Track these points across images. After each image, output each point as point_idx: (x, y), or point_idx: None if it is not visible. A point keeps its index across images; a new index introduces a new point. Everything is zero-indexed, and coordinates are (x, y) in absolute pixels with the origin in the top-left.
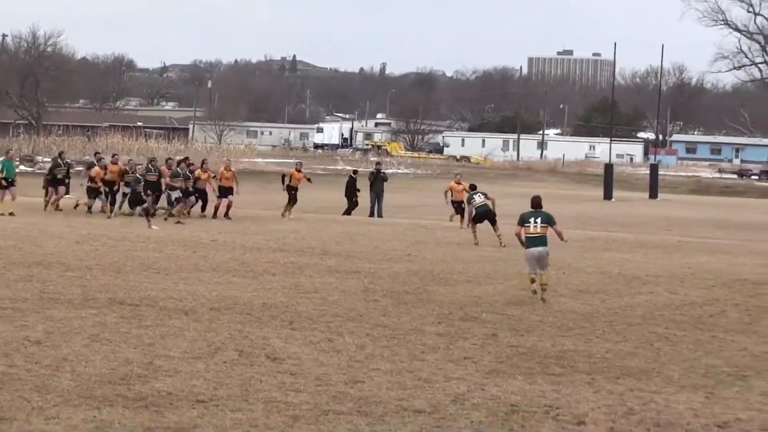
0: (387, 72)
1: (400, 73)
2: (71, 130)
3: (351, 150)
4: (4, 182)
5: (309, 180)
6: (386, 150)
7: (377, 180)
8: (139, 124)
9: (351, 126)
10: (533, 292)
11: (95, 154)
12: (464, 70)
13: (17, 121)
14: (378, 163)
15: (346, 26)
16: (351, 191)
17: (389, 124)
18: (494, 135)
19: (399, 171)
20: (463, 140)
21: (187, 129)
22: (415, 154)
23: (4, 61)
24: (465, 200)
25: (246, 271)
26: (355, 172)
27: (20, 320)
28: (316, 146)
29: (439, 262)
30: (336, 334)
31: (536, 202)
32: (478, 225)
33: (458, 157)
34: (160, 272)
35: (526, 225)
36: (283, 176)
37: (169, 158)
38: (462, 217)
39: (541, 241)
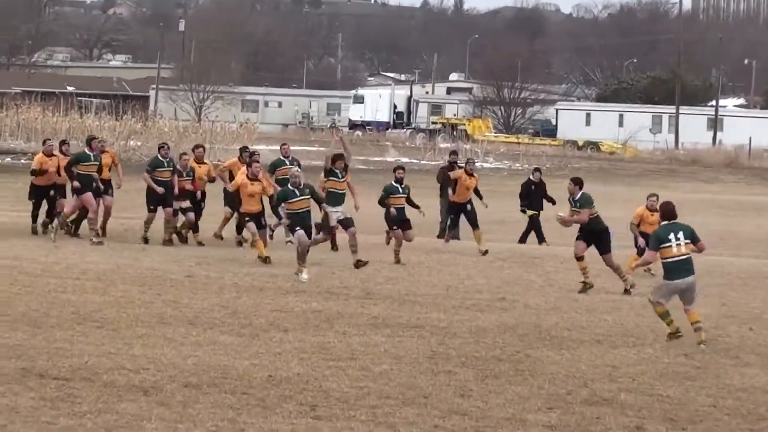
0: (466, 6)
1: (487, 8)
2: None
3: (408, 131)
4: None
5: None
6: (465, 131)
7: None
8: (70, 89)
9: (409, 93)
10: (674, 335)
11: (44, 142)
12: (590, 4)
13: None
14: (453, 153)
15: None
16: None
17: (470, 89)
18: (638, 107)
19: (486, 165)
20: (587, 115)
21: (147, 97)
22: (512, 138)
23: None
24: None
25: (241, 324)
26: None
27: None
28: (353, 125)
29: (551, 312)
30: (386, 426)
31: (671, 211)
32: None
33: (581, 144)
34: (103, 326)
35: (665, 246)
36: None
37: (184, 153)
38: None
39: (688, 266)
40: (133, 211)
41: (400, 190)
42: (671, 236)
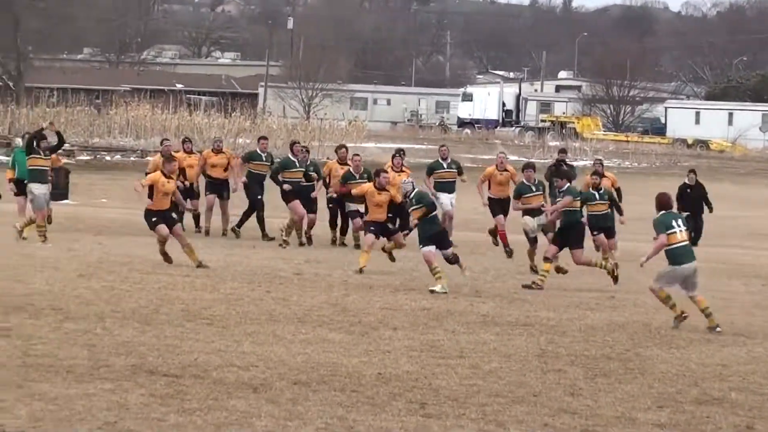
0: (574, 5)
1: (596, 6)
2: (71, 97)
3: (517, 129)
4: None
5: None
6: (574, 129)
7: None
8: (179, 86)
9: (517, 91)
10: (679, 318)
11: (162, 141)
12: (699, 2)
13: None
14: (562, 151)
15: None
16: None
17: (578, 87)
18: (748, 106)
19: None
20: (697, 114)
21: (255, 95)
22: (621, 136)
23: None
24: None
25: (350, 322)
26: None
27: None
28: (462, 123)
29: (660, 311)
30: (496, 424)
31: (667, 201)
32: None
33: (690, 142)
34: (213, 323)
35: (671, 232)
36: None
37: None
38: None
39: (691, 251)
40: (241, 209)
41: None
42: (673, 222)
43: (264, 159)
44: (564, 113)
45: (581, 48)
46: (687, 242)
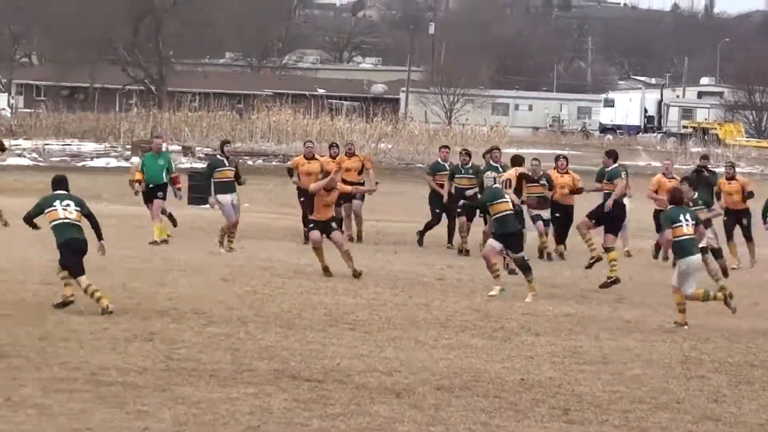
0: (716, 10)
1: (738, 12)
2: (213, 101)
3: (659, 135)
4: (138, 188)
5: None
6: (716, 135)
7: (702, 184)
8: (321, 91)
9: (659, 96)
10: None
11: (305, 143)
12: None
13: (127, 87)
14: (704, 157)
15: None
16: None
17: (720, 94)
18: None
19: (737, 169)
20: None
21: (396, 100)
22: (764, 142)
23: None
24: None
25: (493, 328)
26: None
27: (135, 403)
28: (604, 128)
29: None
30: (639, 431)
31: (679, 197)
32: None
33: None
34: (356, 328)
35: (677, 225)
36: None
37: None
38: None
39: (696, 245)
40: (382, 214)
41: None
42: (681, 217)
43: (448, 168)
44: (706, 119)
45: (723, 54)
46: (691, 236)
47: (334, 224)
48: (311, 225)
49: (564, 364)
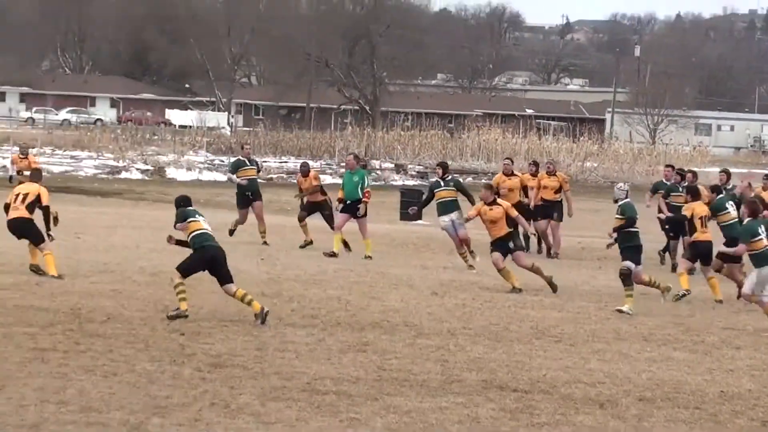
0: None
1: None
2: (424, 121)
3: None
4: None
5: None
6: None
7: None
8: (529, 111)
9: None
10: None
11: (504, 161)
12: None
13: (342, 107)
14: None
15: None
16: None
17: None
18: None
19: None
20: None
21: (602, 120)
22: None
23: (323, 13)
24: None
25: (694, 341)
26: None
27: (349, 411)
28: None
29: None
30: None
31: (756, 210)
32: None
33: None
34: (561, 341)
35: (757, 239)
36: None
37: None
38: None
39: None
40: (587, 230)
41: None
42: (760, 230)
43: (680, 191)
44: None
45: None
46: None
47: (511, 243)
48: (491, 247)
49: (763, 377)
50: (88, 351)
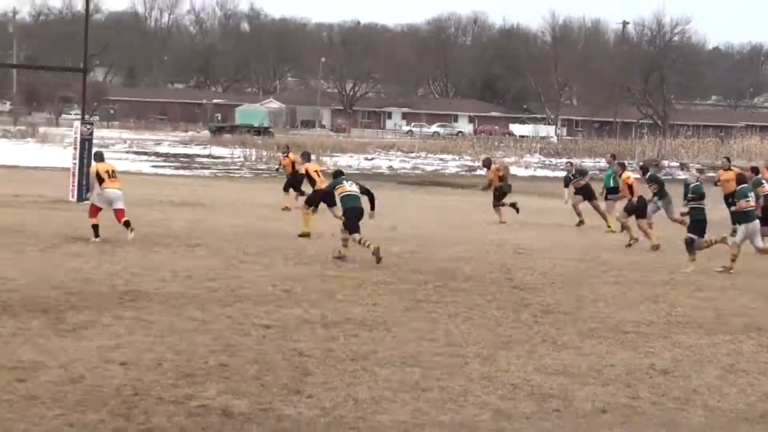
0: None
1: None
2: (701, 131)
3: None
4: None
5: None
6: None
7: None
8: None
9: None
10: None
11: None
12: None
13: (640, 121)
14: None
15: None
16: None
17: None
18: None
19: None
20: None
21: None
22: None
23: (625, 52)
24: None
25: None
26: None
27: (645, 346)
28: None
29: None
30: None
31: (744, 178)
32: None
33: None
34: None
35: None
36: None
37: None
38: None
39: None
40: None
41: None
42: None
43: None
44: None
45: None
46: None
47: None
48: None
49: None
50: (452, 302)
